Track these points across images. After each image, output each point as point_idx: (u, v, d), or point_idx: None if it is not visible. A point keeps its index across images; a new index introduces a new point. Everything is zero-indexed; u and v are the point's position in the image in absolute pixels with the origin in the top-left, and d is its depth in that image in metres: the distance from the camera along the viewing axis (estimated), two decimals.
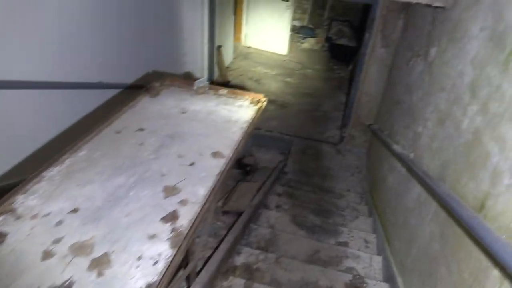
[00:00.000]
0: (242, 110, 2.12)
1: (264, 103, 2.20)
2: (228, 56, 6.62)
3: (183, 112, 2.05)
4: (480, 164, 1.43)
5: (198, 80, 2.29)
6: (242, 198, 3.21)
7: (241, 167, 4.09)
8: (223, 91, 2.28)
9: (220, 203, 3.17)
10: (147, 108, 2.08)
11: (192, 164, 1.68)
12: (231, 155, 1.75)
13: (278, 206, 3.48)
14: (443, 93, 1.99)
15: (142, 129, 1.89)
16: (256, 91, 6.06)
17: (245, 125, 1.97)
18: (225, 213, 3.02)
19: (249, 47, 7.71)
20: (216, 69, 5.52)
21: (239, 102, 2.21)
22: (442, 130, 1.92)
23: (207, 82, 2.28)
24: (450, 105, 1.86)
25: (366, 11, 4.02)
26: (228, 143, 1.82)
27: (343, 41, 7.90)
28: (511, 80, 1.32)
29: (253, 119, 2.04)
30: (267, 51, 7.61)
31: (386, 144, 2.92)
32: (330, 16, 8.67)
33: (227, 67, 6.49)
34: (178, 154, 1.74)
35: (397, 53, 3.65)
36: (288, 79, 6.65)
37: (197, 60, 4.76)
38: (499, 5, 1.51)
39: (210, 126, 1.94)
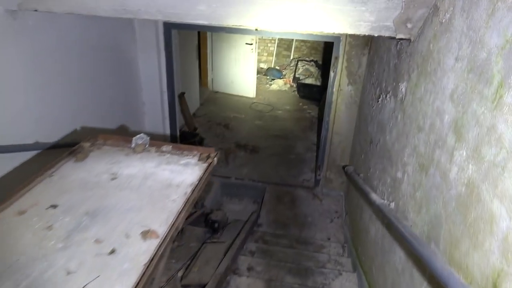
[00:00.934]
0: (188, 170, 1.75)
1: (215, 159, 1.84)
2: (194, 102, 6.35)
3: (113, 179, 1.66)
4: (483, 228, 1.10)
5: (137, 136, 1.93)
6: (206, 265, 2.76)
7: (208, 224, 3.63)
8: (167, 147, 1.92)
9: (180, 273, 2.70)
10: (68, 176, 1.67)
11: (112, 252, 1.27)
12: (167, 232, 1.36)
13: (250, 269, 3.02)
14: (421, 134, 1.70)
15: (55, 206, 1.48)
16: (225, 136, 5.76)
17: (189, 190, 1.59)
18: (185, 287, 2.55)
19: (216, 91, 7.51)
20: (180, 117, 5.20)
21: (185, 160, 1.84)
22: (426, 178, 1.61)
23: (148, 138, 1.92)
24: (431, 148, 1.57)
25: (330, 50, 3.88)
26: (164, 217, 1.43)
27: (310, 81, 7.85)
28: (507, 120, 1.03)
29: (201, 180, 1.67)
30: (235, 95, 7.41)
31: (363, 192, 2.59)
32: (296, 57, 8.70)
33: (194, 114, 6.19)
34: (96, 239, 1.32)
35: (365, 90, 3.45)
36: (258, 122, 6.40)
37: (157, 109, 4.44)
38: (476, 30, 1.26)
39: (144, 196, 1.55)
